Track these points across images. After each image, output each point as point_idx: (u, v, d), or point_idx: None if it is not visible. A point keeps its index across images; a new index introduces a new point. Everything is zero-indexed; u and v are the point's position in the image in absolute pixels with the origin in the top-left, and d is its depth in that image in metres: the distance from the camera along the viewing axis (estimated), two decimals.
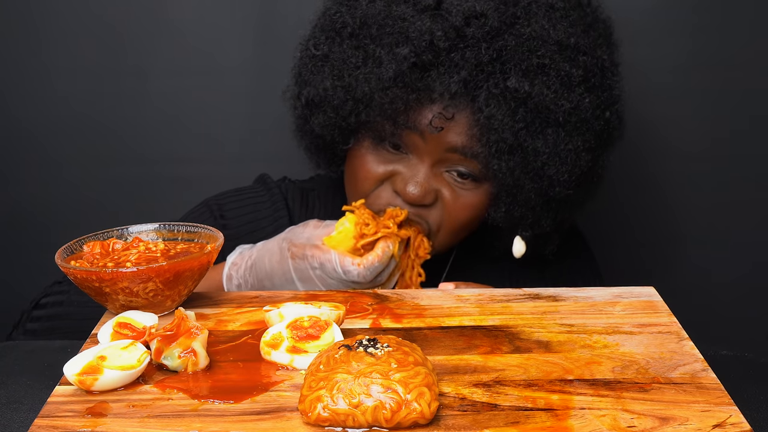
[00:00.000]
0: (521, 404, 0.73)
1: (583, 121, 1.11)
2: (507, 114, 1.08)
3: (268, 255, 1.10)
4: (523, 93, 1.08)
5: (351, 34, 1.14)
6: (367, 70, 1.11)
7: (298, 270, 1.07)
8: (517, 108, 1.08)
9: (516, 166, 1.10)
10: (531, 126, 1.09)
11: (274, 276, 1.09)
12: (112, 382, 0.75)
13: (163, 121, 1.64)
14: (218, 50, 1.60)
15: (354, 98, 1.12)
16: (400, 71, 1.09)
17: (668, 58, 1.58)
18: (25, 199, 1.67)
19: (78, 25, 1.59)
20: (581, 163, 1.13)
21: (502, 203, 1.15)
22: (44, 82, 1.62)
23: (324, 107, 1.16)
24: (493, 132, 1.09)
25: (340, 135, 1.18)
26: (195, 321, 0.83)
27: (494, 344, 0.84)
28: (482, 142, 1.10)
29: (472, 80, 1.09)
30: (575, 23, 1.13)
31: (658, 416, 0.71)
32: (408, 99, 1.10)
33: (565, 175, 1.12)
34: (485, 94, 1.08)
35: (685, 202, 1.66)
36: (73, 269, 0.86)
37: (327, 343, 0.79)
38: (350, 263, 1.06)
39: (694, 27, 1.57)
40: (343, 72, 1.13)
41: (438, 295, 0.96)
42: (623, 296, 0.95)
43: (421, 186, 1.14)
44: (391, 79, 1.09)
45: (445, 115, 1.10)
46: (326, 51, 1.16)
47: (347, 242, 1.09)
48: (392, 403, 0.69)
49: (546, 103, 1.09)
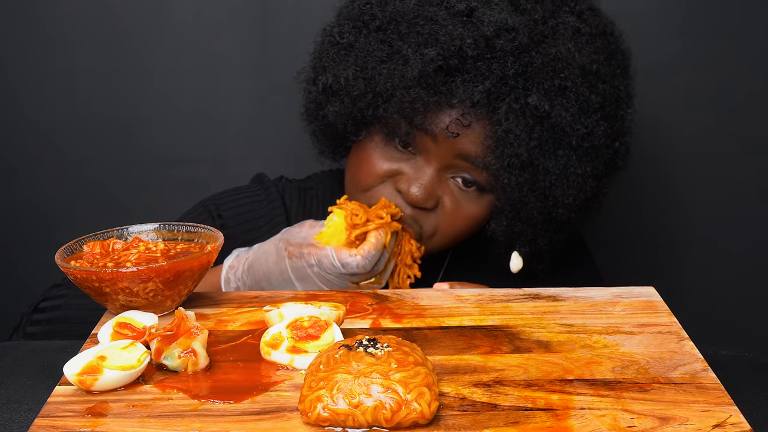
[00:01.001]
0: (521, 404, 0.73)
1: (595, 148, 1.13)
2: (524, 130, 1.09)
3: (264, 256, 1.10)
4: (542, 111, 1.09)
5: (379, 27, 1.14)
6: (392, 66, 1.11)
7: (296, 269, 1.07)
8: (535, 126, 1.09)
9: (525, 182, 1.11)
10: (545, 145, 1.10)
11: (272, 277, 1.09)
12: (112, 382, 0.75)
13: (163, 122, 1.64)
14: (219, 51, 1.61)
15: (374, 92, 1.12)
16: (425, 72, 1.08)
17: (666, 57, 1.58)
18: (25, 198, 1.68)
19: (80, 26, 1.59)
20: (587, 188, 1.14)
21: (505, 217, 1.16)
22: (43, 83, 1.62)
23: (342, 96, 1.16)
24: (508, 146, 1.09)
25: (353, 126, 1.18)
26: (195, 321, 0.83)
27: (494, 344, 0.84)
28: (496, 154, 1.10)
29: (495, 92, 1.09)
30: (599, 50, 1.14)
31: (658, 416, 0.71)
32: (428, 101, 1.10)
33: (570, 198, 1.13)
34: (506, 108, 1.09)
35: (685, 202, 1.66)
36: (73, 269, 0.86)
37: (327, 343, 0.79)
38: (347, 255, 1.05)
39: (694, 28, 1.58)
40: (367, 64, 1.13)
41: (438, 295, 0.96)
42: (623, 296, 0.95)
43: (425, 189, 1.14)
44: (415, 79, 1.09)
45: (462, 122, 1.10)
46: (351, 40, 1.16)
47: (340, 236, 1.08)
48: (392, 403, 0.69)
49: (562, 125, 1.10)
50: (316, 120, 1.24)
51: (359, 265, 1.05)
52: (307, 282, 1.08)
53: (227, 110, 1.64)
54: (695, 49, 1.59)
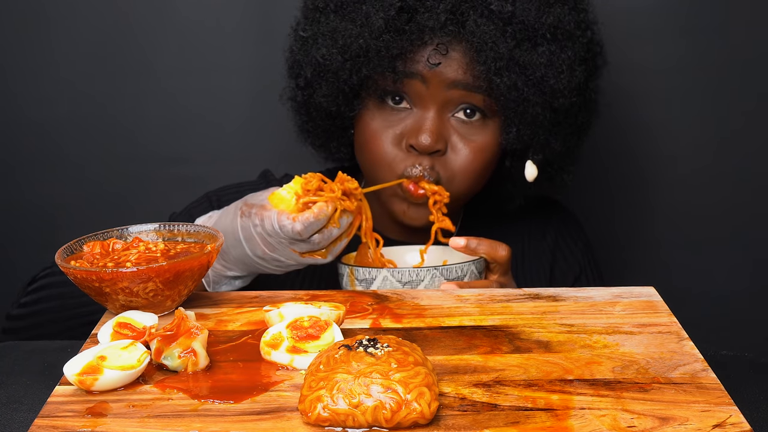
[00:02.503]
0: (521, 404, 0.73)
1: (570, 36, 1.18)
2: (497, 32, 1.14)
3: (224, 214, 1.11)
4: (507, 12, 1.14)
5: (335, 8, 1.19)
6: (359, 26, 1.16)
7: (244, 228, 1.07)
8: (505, 27, 1.14)
9: (517, 79, 1.15)
10: (522, 44, 1.15)
11: (227, 234, 1.08)
12: (112, 382, 0.75)
13: (163, 121, 1.64)
14: (219, 50, 1.60)
15: (351, 57, 1.17)
16: (389, 18, 1.14)
17: (667, 57, 1.58)
18: (25, 198, 1.67)
19: (80, 25, 1.59)
20: (577, 73, 1.18)
21: (513, 124, 1.19)
22: (43, 81, 1.62)
23: (325, 76, 1.20)
24: (488, 50, 1.14)
25: (344, 101, 1.22)
26: (195, 321, 0.83)
27: (494, 344, 0.84)
28: (480, 61, 1.14)
29: (458, 10, 1.14)
30: None
31: (658, 416, 0.71)
32: (402, 42, 1.14)
33: (565, 83, 1.17)
34: (471, 21, 1.14)
35: (685, 202, 1.66)
36: (73, 269, 0.86)
37: (327, 343, 0.79)
38: (285, 218, 1.04)
39: (693, 27, 1.57)
40: (336, 37, 1.17)
41: (438, 295, 0.97)
42: (623, 296, 0.95)
43: (431, 132, 1.17)
44: (382, 28, 1.14)
45: (439, 51, 1.15)
46: (315, 30, 1.21)
47: (290, 202, 1.08)
48: (392, 403, 0.69)
49: (530, 20, 1.14)
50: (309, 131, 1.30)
51: (294, 229, 1.03)
52: (251, 243, 1.06)
53: (227, 110, 1.64)
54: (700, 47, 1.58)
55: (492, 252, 1.12)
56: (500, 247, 1.13)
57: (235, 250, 1.08)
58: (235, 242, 1.07)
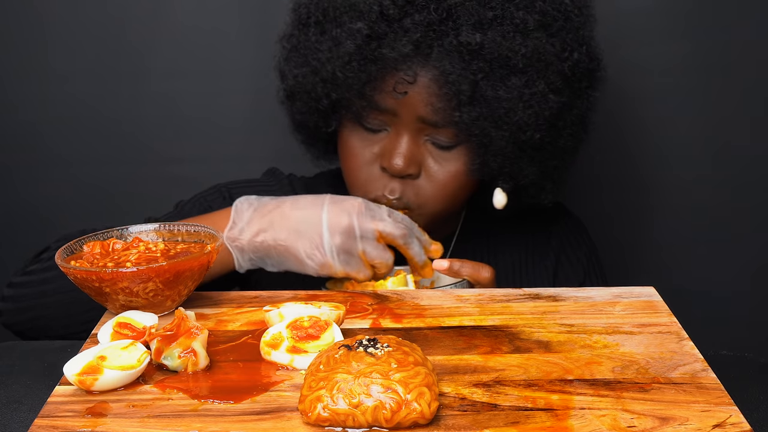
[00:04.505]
0: (521, 404, 0.73)
1: (546, 65, 1.14)
2: (461, 66, 1.11)
3: (299, 200, 1.09)
4: (475, 45, 1.11)
5: (316, 22, 1.18)
6: (329, 50, 1.15)
7: (362, 228, 1.07)
8: (471, 60, 1.11)
9: (479, 116, 1.13)
10: (491, 76, 1.12)
11: (301, 222, 1.07)
12: (112, 382, 0.75)
13: (163, 122, 1.64)
14: (218, 50, 1.60)
15: (322, 79, 1.16)
16: (357, 45, 1.12)
17: (667, 58, 1.58)
18: (25, 199, 1.67)
19: (79, 26, 1.59)
20: (549, 104, 1.15)
21: (477, 155, 1.18)
22: (43, 82, 1.62)
23: (300, 94, 1.21)
24: (450, 85, 1.12)
25: (320, 118, 1.22)
26: (195, 321, 0.83)
27: (494, 344, 0.84)
28: (442, 94, 1.13)
29: (425, 41, 1.12)
30: None
31: (658, 416, 0.71)
32: (369, 71, 1.13)
33: (533, 119, 1.14)
34: (436, 52, 1.12)
35: (685, 202, 1.66)
36: (73, 269, 0.86)
37: (327, 343, 0.79)
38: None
39: (693, 28, 1.57)
40: (308, 57, 1.17)
41: (438, 295, 0.97)
42: (623, 296, 0.95)
43: (404, 156, 1.16)
44: (350, 54, 1.13)
45: (406, 80, 1.13)
46: (295, 43, 1.21)
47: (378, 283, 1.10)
48: (392, 403, 0.69)
49: (502, 51, 1.11)
50: (301, 129, 1.29)
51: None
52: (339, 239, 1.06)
53: (226, 111, 1.64)
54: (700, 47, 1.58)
55: (475, 274, 1.11)
56: (483, 269, 1.11)
57: (303, 233, 1.06)
58: (305, 225, 1.06)
